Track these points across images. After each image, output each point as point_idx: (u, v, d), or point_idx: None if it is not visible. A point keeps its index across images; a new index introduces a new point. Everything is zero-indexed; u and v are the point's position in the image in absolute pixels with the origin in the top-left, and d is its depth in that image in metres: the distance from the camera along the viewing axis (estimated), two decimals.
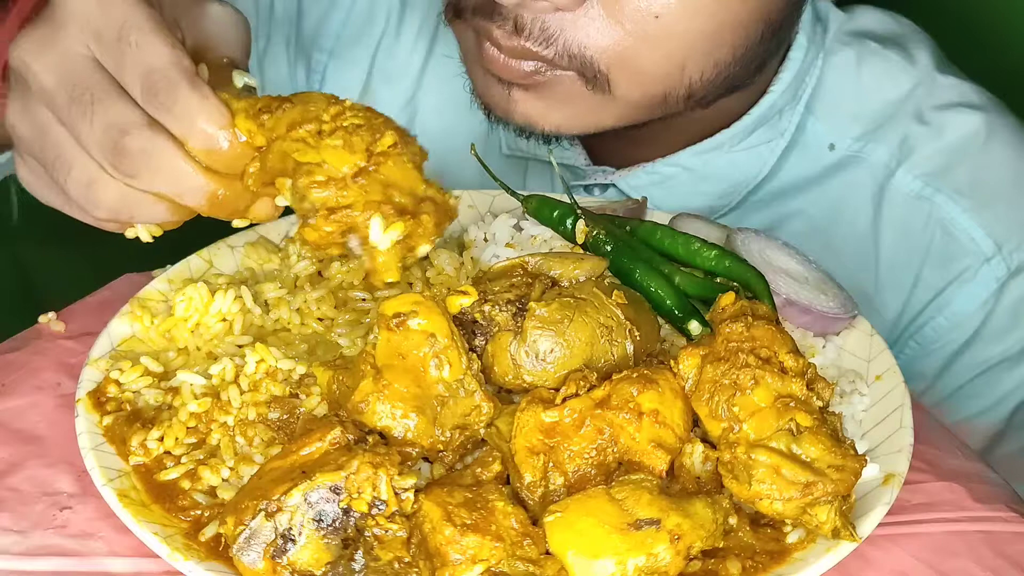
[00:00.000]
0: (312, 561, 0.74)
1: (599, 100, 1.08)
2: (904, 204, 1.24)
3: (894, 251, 1.25)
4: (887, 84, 1.26)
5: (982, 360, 1.23)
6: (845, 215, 1.26)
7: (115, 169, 0.79)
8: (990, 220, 1.22)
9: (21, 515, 0.84)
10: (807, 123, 1.26)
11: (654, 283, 0.96)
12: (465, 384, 0.83)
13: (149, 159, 0.79)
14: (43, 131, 0.82)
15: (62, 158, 0.82)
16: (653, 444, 0.80)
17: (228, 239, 1.09)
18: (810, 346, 0.99)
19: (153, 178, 0.80)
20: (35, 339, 1.02)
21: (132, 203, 0.81)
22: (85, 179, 0.81)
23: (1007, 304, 1.22)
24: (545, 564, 0.74)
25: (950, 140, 1.24)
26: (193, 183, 0.80)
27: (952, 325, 1.23)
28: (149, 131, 0.79)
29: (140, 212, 0.82)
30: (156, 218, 0.83)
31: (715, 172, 1.25)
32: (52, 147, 0.82)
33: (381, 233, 0.81)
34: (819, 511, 0.78)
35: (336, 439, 0.78)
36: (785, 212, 1.27)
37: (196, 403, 0.89)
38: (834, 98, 1.26)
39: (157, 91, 0.79)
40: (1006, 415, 1.22)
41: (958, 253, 1.22)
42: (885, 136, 1.25)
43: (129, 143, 0.78)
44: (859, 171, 1.26)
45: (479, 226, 1.07)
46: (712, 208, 1.27)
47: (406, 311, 0.83)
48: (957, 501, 0.90)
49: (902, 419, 0.90)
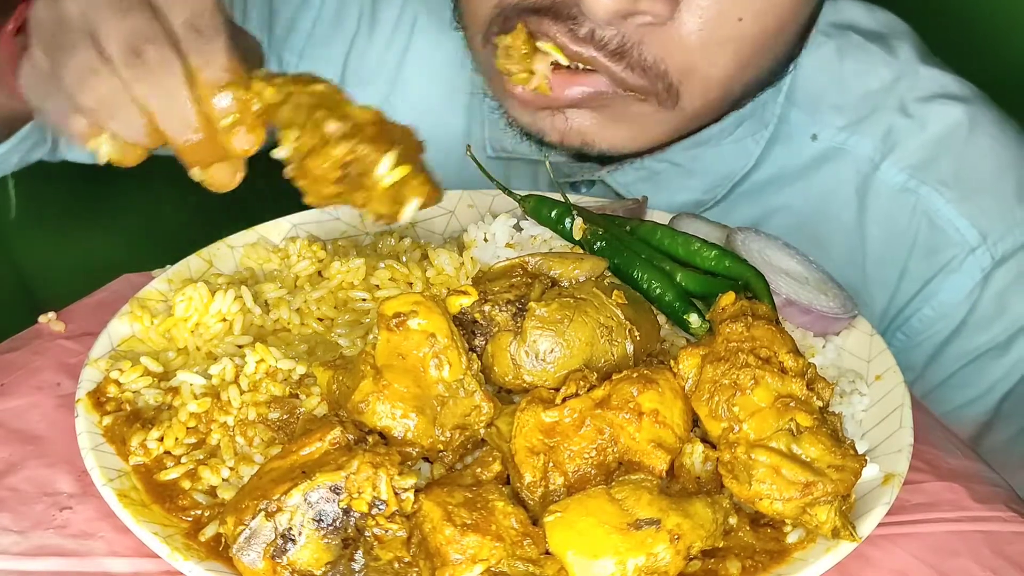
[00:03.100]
0: (312, 561, 0.74)
1: (660, 115, 1.09)
2: (889, 196, 1.25)
3: (880, 244, 1.25)
4: (869, 75, 1.27)
5: (969, 350, 1.24)
6: (831, 209, 1.26)
7: (124, 66, 0.83)
8: (975, 211, 1.23)
9: (21, 515, 0.84)
10: (790, 114, 1.27)
11: (654, 279, 0.96)
12: (465, 384, 0.83)
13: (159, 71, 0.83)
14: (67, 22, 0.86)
15: (73, 44, 0.85)
16: (653, 444, 0.80)
17: (228, 239, 1.09)
18: (810, 346, 0.99)
19: (152, 89, 0.83)
20: (35, 339, 1.02)
21: (118, 103, 0.84)
22: (87, 65, 0.84)
23: (992, 293, 1.22)
24: (545, 564, 0.74)
25: (934, 132, 1.25)
26: (182, 110, 0.83)
27: (939, 316, 1.24)
28: (171, 51, 0.83)
29: (120, 116, 0.85)
30: (129, 130, 0.85)
31: (703, 166, 1.26)
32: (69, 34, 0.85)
33: (389, 167, 0.82)
34: (819, 511, 0.78)
35: (336, 439, 0.78)
36: (771, 206, 1.27)
37: (196, 403, 0.89)
38: (816, 89, 1.26)
39: (200, 27, 0.84)
40: (994, 404, 1.23)
41: (943, 244, 1.23)
42: (869, 128, 1.26)
43: (150, 50, 0.82)
44: (843, 164, 1.26)
45: (479, 226, 1.07)
46: (699, 202, 1.27)
47: (406, 311, 0.83)
48: (957, 501, 0.90)
49: (902, 419, 0.90)
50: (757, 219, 1.26)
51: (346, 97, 0.86)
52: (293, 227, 1.11)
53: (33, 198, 1.68)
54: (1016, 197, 1.24)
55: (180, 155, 0.86)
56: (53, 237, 1.77)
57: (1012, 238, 1.22)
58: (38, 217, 1.74)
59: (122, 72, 0.83)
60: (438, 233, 1.14)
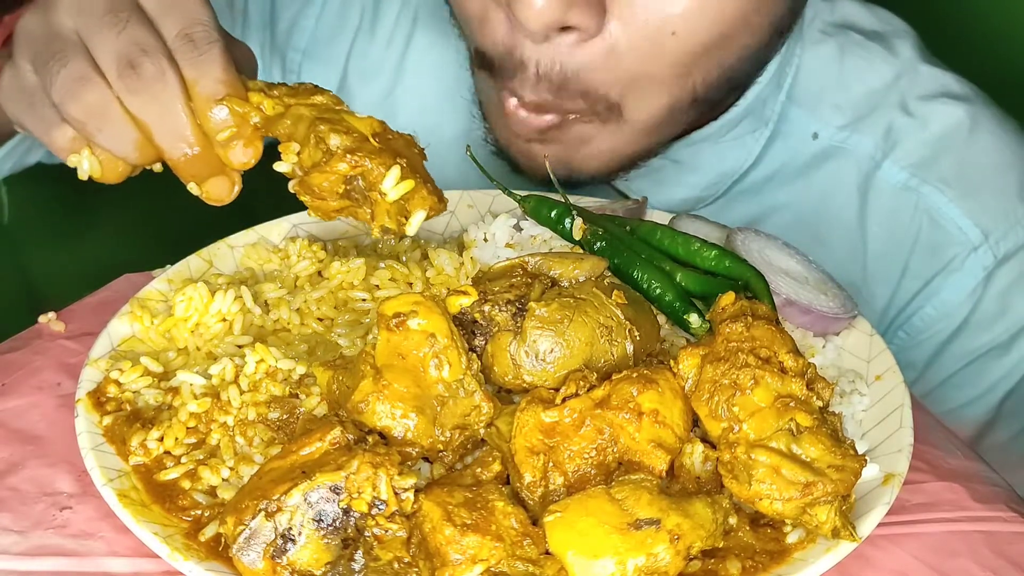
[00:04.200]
0: (312, 561, 0.74)
1: (611, 129, 1.11)
2: (891, 195, 1.25)
3: (881, 242, 1.25)
4: (869, 74, 1.27)
5: (971, 349, 1.24)
6: (832, 207, 1.26)
7: (118, 78, 0.82)
8: (976, 209, 1.23)
9: (21, 515, 0.84)
10: (790, 112, 1.26)
11: (654, 279, 0.96)
12: (465, 384, 0.83)
13: (154, 84, 0.82)
14: (59, 33, 0.85)
15: (63, 53, 0.84)
16: (653, 444, 0.80)
17: (228, 239, 1.09)
18: (810, 346, 0.99)
19: (148, 103, 0.82)
20: (35, 339, 1.02)
21: (108, 114, 0.83)
22: (78, 73, 0.83)
23: (994, 293, 1.22)
24: (545, 564, 0.74)
25: (935, 131, 1.25)
26: (178, 123, 0.82)
27: (940, 315, 1.24)
28: (168, 62, 0.82)
29: (109, 128, 0.83)
30: (118, 143, 0.84)
31: (703, 163, 1.26)
32: (61, 45, 0.84)
33: (395, 183, 0.83)
34: (819, 511, 0.78)
35: (336, 439, 0.78)
36: (771, 203, 1.27)
37: (196, 403, 0.89)
38: (816, 87, 1.26)
39: (195, 38, 0.83)
40: (995, 404, 1.23)
41: (945, 243, 1.23)
42: (869, 127, 1.26)
43: (146, 62, 0.82)
44: (844, 162, 1.26)
45: (479, 226, 1.07)
46: (699, 199, 1.27)
47: (406, 311, 0.83)
48: (957, 501, 0.90)
49: (902, 419, 0.90)
50: (757, 216, 1.26)
51: (346, 108, 0.86)
52: (293, 227, 1.11)
53: (33, 198, 1.68)
54: (1018, 196, 1.24)
55: (176, 169, 0.86)
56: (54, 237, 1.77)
57: (1014, 236, 1.22)
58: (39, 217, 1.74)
59: (116, 84, 0.82)
60: (438, 233, 1.14)
